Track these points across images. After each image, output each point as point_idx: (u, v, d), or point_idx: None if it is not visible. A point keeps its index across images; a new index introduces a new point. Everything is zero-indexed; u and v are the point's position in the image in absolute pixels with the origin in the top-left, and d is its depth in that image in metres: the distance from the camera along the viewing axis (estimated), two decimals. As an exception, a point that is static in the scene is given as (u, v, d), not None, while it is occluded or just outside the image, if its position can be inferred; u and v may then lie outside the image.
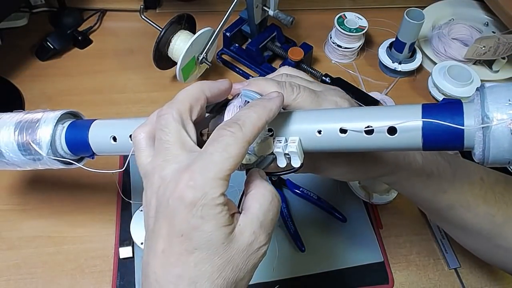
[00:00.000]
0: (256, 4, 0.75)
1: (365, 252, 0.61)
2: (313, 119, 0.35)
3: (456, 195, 0.45)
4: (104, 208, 0.63)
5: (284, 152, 0.35)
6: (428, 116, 0.31)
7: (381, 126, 0.32)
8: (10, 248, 0.59)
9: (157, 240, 0.30)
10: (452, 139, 0.31)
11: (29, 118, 0.46)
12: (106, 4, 0.90)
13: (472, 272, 0.61)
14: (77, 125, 0.46)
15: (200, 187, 0.29)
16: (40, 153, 0.44)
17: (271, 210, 0.32)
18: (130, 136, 0.40)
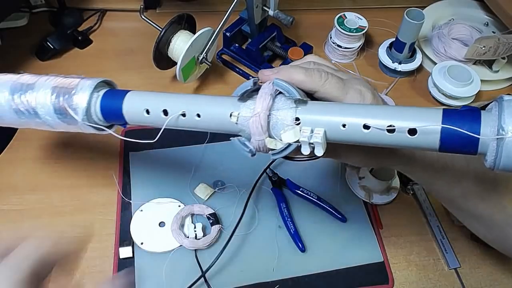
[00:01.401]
0: (256, 4, 0.75)
1: (365, 252, 0.61)
2: (338, 112, 0.37)
3: (469, 185, 0.45)
4: (104, 208, 0.63)
5: (309, 141, 0.36)
6: (448, 121, 0.33)
7: (402, 127, 0.34)
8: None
9: None
10: (467, 145, 0.33)
11: (66, 83, 0.47)
12: (106, 4, 0.90)
13: (472, 272, 0.61)
14: (112, 94, 0.46)
15: None
16: (75, 119, 0.45)
17: None
18: (163, 111, 0.42)
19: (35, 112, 0.47)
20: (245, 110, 0.39)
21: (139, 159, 0.68)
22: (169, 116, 0.42)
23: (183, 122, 0.42)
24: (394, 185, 0.66)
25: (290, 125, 0.37)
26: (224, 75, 0.82)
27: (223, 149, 0.69)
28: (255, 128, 0.38)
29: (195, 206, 0.62)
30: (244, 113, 0.39)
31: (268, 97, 0.38)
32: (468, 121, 0.33)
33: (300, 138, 0.37)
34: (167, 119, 0.42)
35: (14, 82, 0.49)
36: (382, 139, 0.35)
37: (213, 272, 0.57)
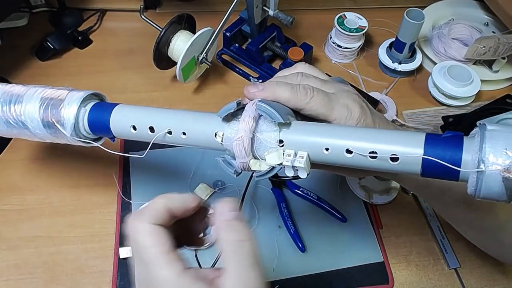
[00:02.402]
0: (256, 4, 0.75)
1: (365, 252, 0.61)
2: (321, 135, 0.37)
3: (461, 193, 0.45)
4: (104, 208, 0.63)
5: (292, 165, 0.37)
6: (430, 149, 0.34)
7: (384, 154, 0.35)
8: (10, 248, 0.59)
9: None
10: (448, 174, 0.34)
11: (54, 96, 0.47)
12: (106, 4, 0.90)
13: (472, 272, 0.61)
14: (100, 108, 0.46)
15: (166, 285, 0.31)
16: (63, 133, 0.46)
17: (247, 256, 0.32)
18: (149, 128, 0.42)
19: (25, 125, 0.48)
20: (229, 130, 0.40)
21: (139, 159, 0.68)
22: (155, 133, 0.42)
23: (169, 139, 0.42)
24: (394, 185, 0.66)
25: (273, 148, 0.38)
26: (224, 75, 0.82)
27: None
28: (238, 151, 0.38)
29: (195, 206, 0.62)
30: (228, 133, 0.39)
31: (251, 120, 0.38)
32: (450, 150, 0.33)
33: (283, 162, 0.37)
34: (154, 137, 0.42)
35: (4, 93, 0.49)
36: (364, 163, 0.36)
37: (213, 272, 0.57)
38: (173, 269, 0.31)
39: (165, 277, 0.31)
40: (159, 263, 0.31)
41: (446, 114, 0.76)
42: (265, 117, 0.39)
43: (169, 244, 0.32)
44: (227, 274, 0.31)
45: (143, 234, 0.32)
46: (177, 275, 0.31)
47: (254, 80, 0.80)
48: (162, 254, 0.31)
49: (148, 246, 0.32)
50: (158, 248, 0.31)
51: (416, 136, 0.35)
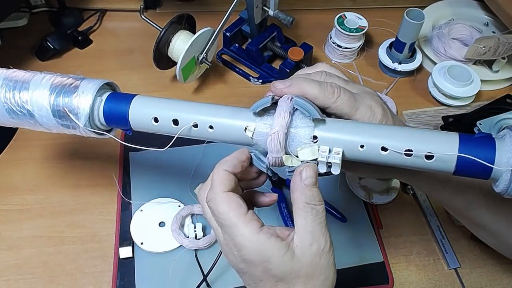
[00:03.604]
0: (256, 4, 0.75)
1: (365, 252, 0.61)
2: (357, 133, 0.38)
3: (475, 195, 0.45)
4: (104, 208, 0.63)
5: (327, 161, 0.37)
6: (464, 148, 0.35)
7: (420, 151, 0.36)
8: (10, 248, 0.59)
9: None
10: (480, 172, 0.35)
11: (66, 83, 0.44)
12: (106, 4, 0.90)
13: (472, 272, 0.61)
14: (117, 98, 0.44)
15: (242, 246, 0.36)
16: (77, 124, 0.43)
17: (316, 217, 0.36)
18: (173, 120, 0.41)
19: (30, 113, 0.44)
20: (261, 125, 0.39)
21: (139, 159, 0.68)
22: (180, 126, 0.41)
23: (194, 132, 0.41)
24: (394, 185, 0.66)
25: (307, 143, 0.38)
26: (224, 75, 0.82)
27: (223, 149, 0.69)
28: (273, 146, 0.38)
29: (195, 206, 0.62)
30: (260, 128, 0.39)
31: (287, 115, 0.38)
32: (483, 150, 0.35)
33: (318, 158, 0.37)
34: (179, 130, 0.41)
35: (6, 78, 0.45)
36: (398, 161, 0.37)
37: (214, 272, 0.57)
38: (251, 228, 0.35)
39: (245, 235, 0.35)
40: (239, 224, 0.35)
41: (446, 114, 0.76)
42: (299, 112, 0.39)
43: (244, 207, 0.37)
44: (297, 231, 0.36)
45: (220, 202, 0.36)
46: (255, 232, 0.35)
47: (254, 80, 0.80)
48: (240, 216, 0.36)
49: (226, 212, 0.36)
50: (236, 211, 0.36)
51: (449, 135, 0.36)
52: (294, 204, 0.37)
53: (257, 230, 0.35)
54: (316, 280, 0.36)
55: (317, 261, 0.36)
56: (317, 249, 0.36)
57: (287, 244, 0.35)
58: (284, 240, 0.36)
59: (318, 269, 0.36)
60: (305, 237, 0.36)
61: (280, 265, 0.35)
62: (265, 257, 0.35)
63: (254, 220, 0.36)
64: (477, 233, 0.52)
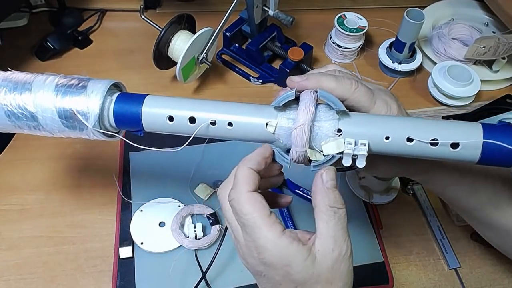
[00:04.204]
0: (256, 4, 0.75)
1: (365, 252, 0.61)
2: (381, 125, 0.37)
3: (487, 195, 0.45)
4: (104, 208, 0.63)
5: (352, 153, 0.37)
6: (489, 136, 0.35)
7: (446, 140, 0.36)
8: (10, 248, 0.59)
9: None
10: (506, 159, 0.35)
11: (72, 84, 0.42)
12: (106, 4, 0.90)
13: (472, 272, 0.61)
14: (128, 99, 0.42)
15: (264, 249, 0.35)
16: (84, 124, 0.41)
17: (338, 221, 0.36)
18: (189, 118, 0.40)
19: (33, 116, 0.42)
20: (283, 120, 0.38)
21: (139, 159, 0.68)
22: (197, 124, 0.39)
23: (212, 131, 0.40)
24: (394, 185, 0.66)
25: (332, 137, 0.37)
26: (224, 75, 0.82)
27: (223, 149, 0.69)
28: (298, 139, 0.37)
29: (195, 206, 0.62)
30: (283, 123, 0.38)
31: (312, 107, 0.37)
32: (508, 136, 0.35)
33: (344, 150, 0.37)
34: (196, 129, 0.39)
35: (5, 80, 0.43)
36: (424, 151, 0.36)
37: (214, 272, 0.57)
38: (274, 231, 0.35)
39: (268, 238, 0.34)
40: (262, 226, 0.35)
41: (446, 114, 0.76)
42: (323, 106, 0.38)
43: (267, 208, 0.36)
44: (319, 235, 0.35)
45: (244, 203, 0.35)
46: (278, 235, 0.34)
47: (254, 80, 0.80)
48: (263, 218, 0.35)
49: (250, 212, 0.35)
50: (260, 213, 0.35)
51: (473, 125, 0.36)
52: (316, 208, 0.36)
53: (280, 234, 0.35)
54: (335, 286, 0.35)
55: (338, 267, 0.35)
56: (338, 255, 0.35)
57: (309, 248, 0.35)
58: (306, 245, 0.35)
59: (338, 275, 0.36)
60: (326, 241, 0.35)
61: (301, 270, 0.34)
62: (287, 261, 0.34)
63: (277, 223, 0.35)
64: (483, 234, 0.52)
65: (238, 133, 0.40)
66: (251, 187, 0.36)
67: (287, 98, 0.38)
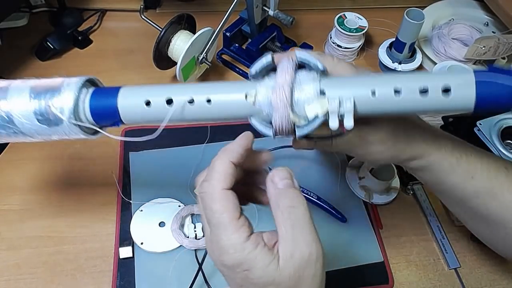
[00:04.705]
0: (256, 4, 0.75)
1: (365, 252, 0.61)
2: (366, 82, 0.35)
3: (482, 182, 0.45)
4: (104, 208, 0.63)
5: (338, 111, 0.34)
6: (480, 76, 0.32)
7: (436, 86, 0.33)
8: (10, 248, 0.59)
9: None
10: (502, 99, 0.32)
11: (47, 83, 0.42)
12: (106, 4, 0.90)
13: (472, 272, 0.61)
14: (103, 90, 0.42)
15: (225, 251, 0.33)
16: (60, 119, 0.40)
17: (296, 222, 0.34)
18: (167, 100, 0.38)
19: (9, 118, 0.41)
20: (262, 89, 0.36)
21: (139, 159, 0.68)
22: (174, 105, 0.37)
23: (190, 111, 0.38)
24: (394, 185, 0.66)
25: (315, 98, 0.35)
26: (224, 75, 0.82)
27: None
28: (279, 102, 0.34)
29: (195, 206, 0.62)
30: (262, 92, 0.36)
31: (290, 69, 0.35)
32: (500, 73, 0.32)
33: (329, 108, 0.34)
34: (172, 108, 0.37)
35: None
36: (415, 104, 0.34)
37: (213, 272, 0.57)
38: (239, 234, 0.33)
39: (232, 242, 0.33)
40: (228, 228, 0.34)
41: (446, 114, 0.76)
42: (303, 71, 0.36)
43: (238, 210, 0.34)
44: (280, 239, 0.34)
45: (216, 200, 0.34)
46: (243, 240, 0.33)
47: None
48: (231, 221, 0.34)
49: (219, 211, 0.34)
50: (229, 214, 0.34)
51: (463, 70, 0.34)
52: (272, 211, 0.35)
53: (245, 238, 0.33)
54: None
55: (301, 273, 0.33)
56: (300, 260, 0.33)
57: (273, 253, 0.33)
58: (271, 250, 0.34)
59: (302, 282, 0.34)
60: (286, 246, 0.33)
61: (262, 275, 0.33)
62: (247, 266, 0.33)
63: (245, 226, 0.34)
64: (476, 227, 0.51)
65: (217, 111, 0.38)
66: (226, 184, 0.35)
67: (263, 63, 0.36)
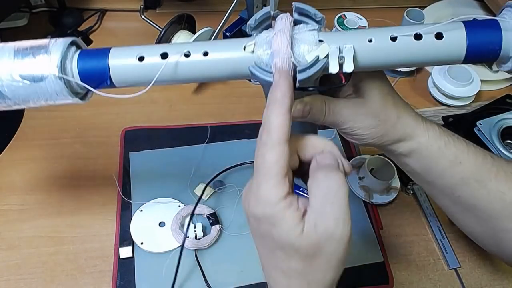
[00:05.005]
0: (256, 4, 0.75)
1: (365, 252, 0.61)
2: (363, 32, 0.37)
3: (470, 168, 0.45)
4: (104, 208, 0.63)
5: (338, 54, 0.35)
6: (469, 25, 0.36)
7: (429, 32, 0.35)
8: (10, 248, 0.59)
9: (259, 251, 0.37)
10: (491, 45, 0.35)
11: (32, 42, 0.40)
12: (106, 4, 0.90)
13: (472, 272, 0.61)
14: (92, 50, 0.39)
15: (260, 201, 0.32)
16: (45, 73, 0.38)
17: (338, 193, 0.33)
18: (161, 54, 0.36)
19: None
20: (261, 39, 0.36)
21: (139, 159, 0.68)
22: (169, 58, 0.36)
23: (186, 67, 0.36)
24: (394, 185, 0.66)
25: (315, 46, 0.35)
26: (224, 75, 0.82)
27: (223, 149, 0.69)
28: (280, 45, 0.34)
29: (195, 206, 0.62)
30: (262, 38, 0.36)
31: (290, 17, 0.35)
32: (487, 21, 0.36)
33: (329, 52, 0.35)
34: (166, 60, 0.36)
35: None
36: (410, 50, 0.36)
37: (213, 272, 0.57)
38: (278, 191, 0.32)
39: (269, 195, 0.32)
40: (271, 181, 0.32)
41: (446, 114, 0.76)
42: (302, 24, 0.37)
43: (286, 168, 0.33)
44: (310, 208, 0.33)
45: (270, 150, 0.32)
46: (280, 197, 0.32)
47: (254, 80, 0.80)
48: (277, 175, 0.32)
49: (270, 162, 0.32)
50: (277, 167, 0.32)
51: (452, 21, 0.36)
52: (308, 182, 0.35)
53: (282, 196, 0.32)
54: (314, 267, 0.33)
55: (320, 248, 0.32)
56: (322, 233, 0.32)
57: (301, 219, 0.32)
58: (301, 215, 0.32)
59: (319, 256, 0.33)
60: (312, 215, 0.32)
61: (283, 236, 0.32)
62: (274, 222, 0.32)
63: (286, 186, 0.32)
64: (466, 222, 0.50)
65: (215, 64, 0.37)
66: (284, 137, 0.33)
67: (262, 12, 0.36)
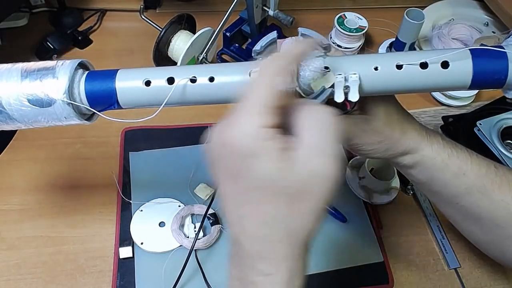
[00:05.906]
0: (256, 4, 0.75)
1: (365, 252, 0.61)
2: (369, 59, 0.37)
3: (474, 179, 0.45)
4: (104, 208, 0.63)
5: (344, 84, 0.35)
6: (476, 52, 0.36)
7: (435, 60, 0.35)
8: (10, 248, 0.59)
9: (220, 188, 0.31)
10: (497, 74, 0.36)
11: (39, 65, 0.40)
12: (106, 4, 0.90)
13: (472, 272, 0.61)
14: (99, 73, 0.40)
15: (237, 130, 0.28)
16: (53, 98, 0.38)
17: (331, 127, 0.29)
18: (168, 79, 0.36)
19: None
20: None
21: (139, 159, 0.68)
22: (176, 83, 0.36)
23: (192, 91, 0.37)
24: (394, 185, 0.66)
25: (320, 73, 0.35)
26: (224, 75, 0.82)
27: (223, 149, 0.69)
28: None
29: (195, 206, 0.62)
30: None
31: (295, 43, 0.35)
32: (494, 54, 0.36)
33: (335, 81, 0.35)
34: (174, 85, 0.36)
35: None
36: (416, 78, 0.36)
37: (213, 271, 0.57)
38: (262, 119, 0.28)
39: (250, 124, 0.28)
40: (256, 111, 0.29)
41: (446, 114, 0.76)
42: None
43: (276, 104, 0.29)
44: (300, 144, 0.29)
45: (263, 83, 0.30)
46: (264, 126, 0.28)
47: None
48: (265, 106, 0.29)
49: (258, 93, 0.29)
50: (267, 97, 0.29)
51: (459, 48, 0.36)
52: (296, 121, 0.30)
53: (266, 125, 0.28)
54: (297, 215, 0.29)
55: (310, 187, 0.29)
56: (313, 170, 0.28)
57: (287, 152, 0.28)
58: (286, 149, 0.29)
59: (305, 201, 0.29)
60: (302, 148, 0.29)
61: (264, 172, 0.28)
62: (253, 155, 0.28)
63: (272, 116, 0.29)
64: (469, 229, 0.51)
65: (220, 90, 0.37)
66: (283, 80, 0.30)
67: (268, 38, 0.37)
